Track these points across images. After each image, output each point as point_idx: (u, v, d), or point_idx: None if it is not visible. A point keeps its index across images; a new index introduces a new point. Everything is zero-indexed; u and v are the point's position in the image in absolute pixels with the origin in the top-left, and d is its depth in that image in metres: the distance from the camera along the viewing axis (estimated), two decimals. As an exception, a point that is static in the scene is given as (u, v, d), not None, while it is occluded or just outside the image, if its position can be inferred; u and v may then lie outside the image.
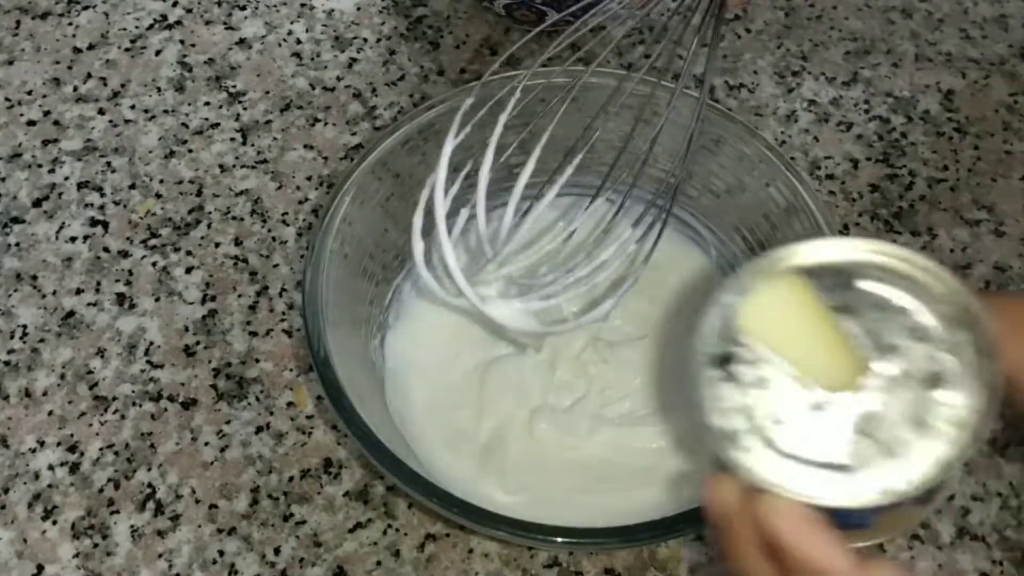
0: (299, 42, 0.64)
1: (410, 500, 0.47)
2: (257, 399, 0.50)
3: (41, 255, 0.55)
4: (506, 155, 0.44)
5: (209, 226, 0.56)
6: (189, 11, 0.66)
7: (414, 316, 0.50)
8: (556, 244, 0.46)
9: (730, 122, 0.47)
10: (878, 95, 0.63)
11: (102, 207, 0.57)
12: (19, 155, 0.59)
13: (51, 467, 0.48)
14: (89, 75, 0.62)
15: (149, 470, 0.48)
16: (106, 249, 0.55)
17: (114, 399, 0.50)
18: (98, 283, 0.54)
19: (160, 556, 0.46)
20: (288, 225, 0.56)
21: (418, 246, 0.43)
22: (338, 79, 0.62)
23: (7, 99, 0.61)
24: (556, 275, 0.45)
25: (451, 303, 0.45)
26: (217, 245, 0.55)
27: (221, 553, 0.46)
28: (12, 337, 0.52)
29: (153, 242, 0.56)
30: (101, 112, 0.61)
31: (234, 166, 0.59)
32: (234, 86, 0.62)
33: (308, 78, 0.62)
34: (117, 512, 0.47)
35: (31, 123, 0.60)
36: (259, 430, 0.49)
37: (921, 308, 0.30)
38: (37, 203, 0.57)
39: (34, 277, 0.54)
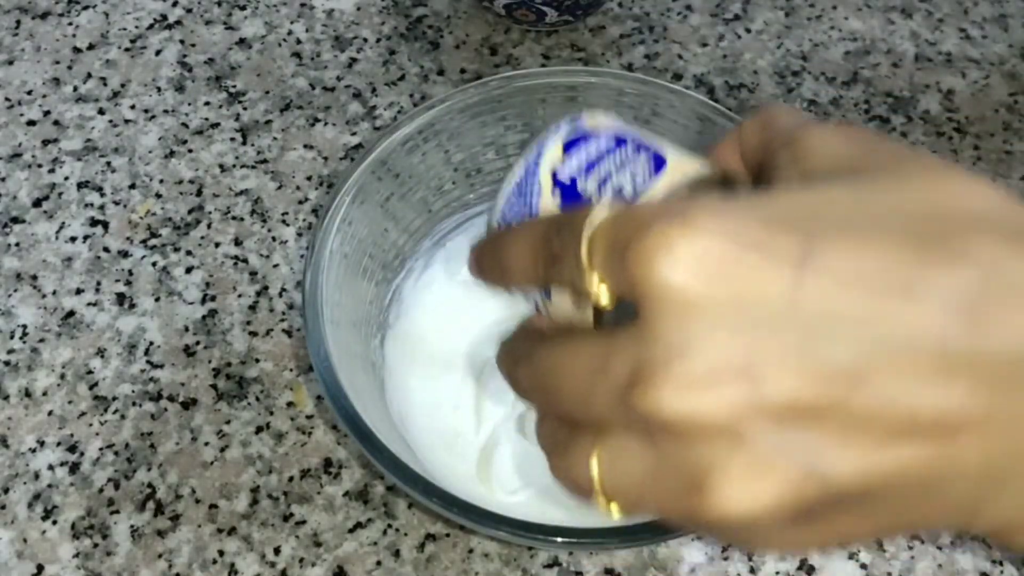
0: (299, 42, 0.64)
1: (410, 500, 0.47)
2: (257, 399, 0.50)
3: (41, 255, 0.55)
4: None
5: (209, 226, 0.56)
6: (189, 11, 0.66)
7: (414, 316, 0.50)
8: None
9: (730, 122, 0.47)
10: (878, 95, 0.63)
11: (102, 207, 0.57)
12: (19, 155, 0.59)
13: (51, 467, 0.48)
14: (89, 75, 0.62)
15: (149, 470, 0.48)
16: (106, 249, 0.55)
17: (114, 399, 0.50)
18: (98, 283, 0.54)
19: (160, 556, 0.46)
20: (288, 225, 0.56)
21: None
22: (338, 79, 0.62)
23: (7, 99, 0.61)
24: None
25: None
26: (217, 245, 0.55)
27: (221, 553, 0.46)
28: (12, 337, 0.52)
29: (153, 242, 0.56)
30: (101, 112, 0.61)
31: (234, 166, 0.59)
32: (234, 86, 0.62)
33: (308, 78, 0.62)
34: (117, 512, 0.47)
35: (31, 123, 0.60)
36: (259, 430, 0.49)
37: None
38: (37, 203, 0.57)
39: (34, 277, 0.54)
